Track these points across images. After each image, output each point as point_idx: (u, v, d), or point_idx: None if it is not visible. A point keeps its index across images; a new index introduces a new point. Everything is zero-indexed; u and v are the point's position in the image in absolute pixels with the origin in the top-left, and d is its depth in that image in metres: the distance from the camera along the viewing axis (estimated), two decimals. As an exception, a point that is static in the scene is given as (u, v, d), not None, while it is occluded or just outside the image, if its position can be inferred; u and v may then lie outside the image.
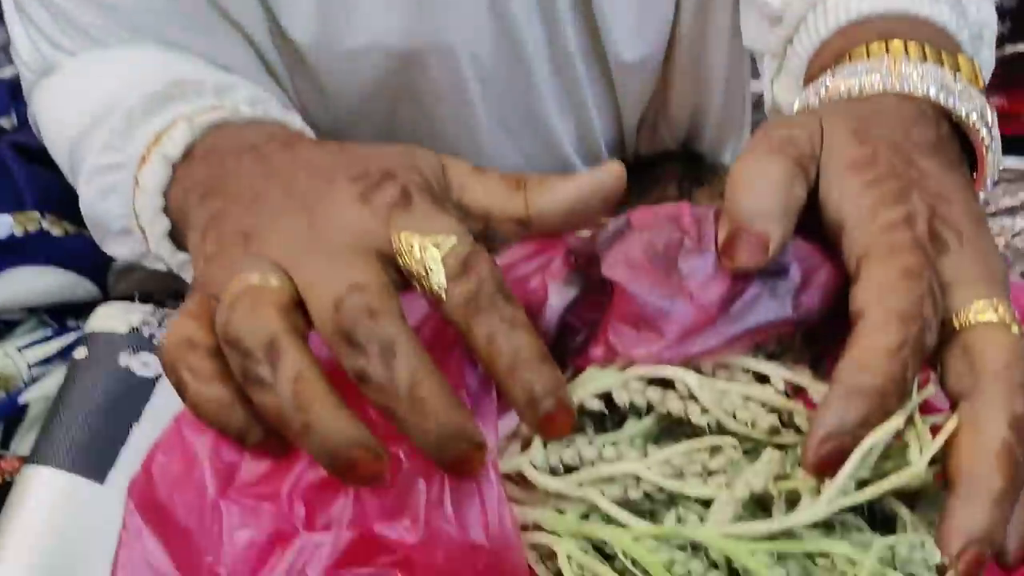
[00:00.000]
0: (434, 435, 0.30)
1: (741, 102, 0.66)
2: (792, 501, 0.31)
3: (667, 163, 0.67)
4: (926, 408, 0.32)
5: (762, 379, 0.34)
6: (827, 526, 0.31)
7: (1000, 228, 0.66)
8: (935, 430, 0.30)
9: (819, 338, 0.37)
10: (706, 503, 0.31)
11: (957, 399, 0.31)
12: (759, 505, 0.32)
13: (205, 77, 0.46)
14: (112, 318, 0.51)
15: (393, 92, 0.57)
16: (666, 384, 0.34)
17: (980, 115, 0.38)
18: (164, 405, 0.46)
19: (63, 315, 0.58)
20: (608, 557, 0.32)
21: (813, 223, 0.34)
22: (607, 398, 0.34)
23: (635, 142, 0.68)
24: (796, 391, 0.34)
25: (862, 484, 0.30)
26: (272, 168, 0.37)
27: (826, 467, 0.28)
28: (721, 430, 0.33)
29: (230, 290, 0.32)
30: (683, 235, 0.34)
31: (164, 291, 0.57)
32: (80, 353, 0.50)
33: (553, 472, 0.33)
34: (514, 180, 0.37)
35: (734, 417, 0.33)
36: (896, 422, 0.29)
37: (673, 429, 0.35)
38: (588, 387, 0.34)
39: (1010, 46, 0.74)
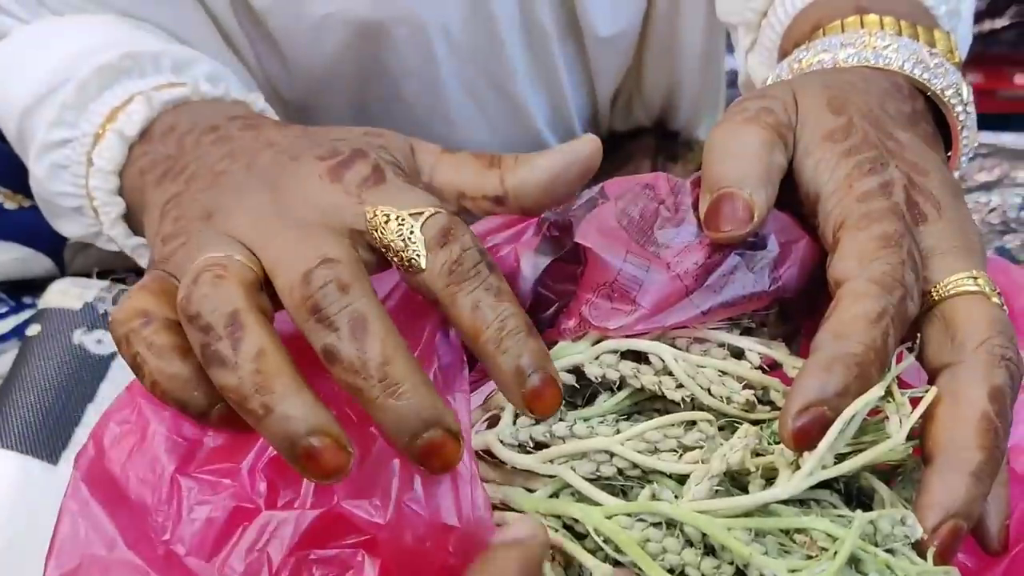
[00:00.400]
0: (406, 418, 0.28)
1: (716, 80, 0.65)
2: (769, 479, 0.30)
3: (641, 139, 0.66)
4: (901, 386, 0.31)
5: (738, 355, 0.33)
6: (803, 505, 0.30)
7: (975, 204, 0.66)
8: (914, 403, 0.29)
9: (794, 315, 0.36)
10: (681, 480, 0.31)
11: (937, 371, 0.30)
12: (735, 483, 0.31)
13: (162, 50, 0.45)
14: (66, 294, 0.49)
15: (360, 65, 0.55)
16: (640, 358, 0.33)
17: (955, 91, 0.38)
18: (119, 385, 0.45)
19: (19, 292, 0.56)
20: (580, 536, 0.31)
21: (786, 200, 0.34)
22: (579, 373, 0.33)
23: (609, 118, 0.67)
24: (772, 369, 0.34)
25: (840, 460, 0.29)
26: (234, 148, 0.36)
27: (805, 439, 0.27)
28: (696, 406, 0.32)
29: (193, 266, 0.31)
30: (659, 204, 0.33)
31: (124, 267, 0.55)
32: (33, 330, 0.49)
33: (522, 449, 0.32)
34: (487, 158, 0.36)
35: (709, 392, 0.32)
36: (876, 392, 0.28)
37: (646, 408, 0.34)
38: (560, 361, 0.33)
39: (988, 22, 0.74)
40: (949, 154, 0.39)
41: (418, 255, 0.30)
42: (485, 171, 0.35)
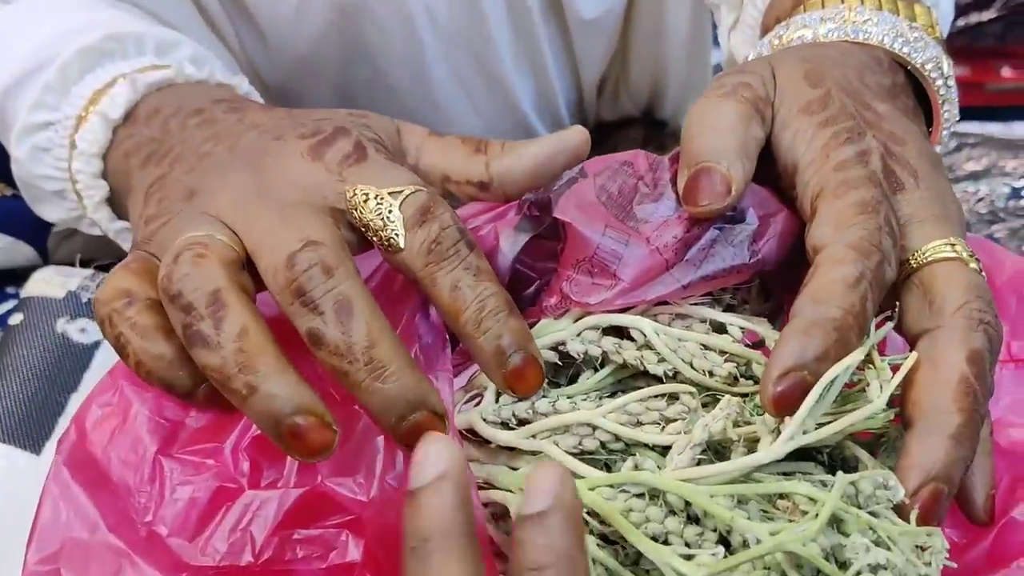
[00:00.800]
0: (392, 400, 0.28)
1: (703, 68, 0.65)
2: (751, 451, 0.30)
3: (629, 129, 0.66)
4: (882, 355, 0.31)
5: (720, 331, 0.33)
6: (786, 474, 0.30)
7: (963, 193, 0.66)
8: (895, 370, 0.29)
9: (775, 291, 0.36)
10: (663, 452, 0.31)
11: (916, 338, 0.30)
12: (718, 455, 0.31)
13: (145, 32, 0.44)
14: (49, 283, 0.49)
15: (343, 48, 0.55)
16: (622, 335, 0.33)
17: (935, 65, 0.38)
18: (103, 374, 0.44)
19: (2, 282, 0.56)
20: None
21: (765, 175, 0.34)
22: (562, 353, 0.33)
23: (596, 107, 0.67)
24: (755, 346, 0.34)
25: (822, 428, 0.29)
26: (218, 130, 0.36)
27: (785, 404, 0.27)
28: (678, 381, 0.32)
29: (174, 245, 0.30)
30: (638, 180, 0.33)
31: (108, 255, 0.54)
32: (16, 319, 0.48)
33: (505, 427, 0.32)
34: (474, 143, 0.36)
35: (691, 366, 0.32)
36: (856, 356, 0.28)
37: (629, 386, 0.34)
38: (542, 339, 0.33)
39: (975, 15, 0.74)
40: (931, 129, 0.39)
41: (397, 234, 0.30)
42: (471, 156, 0.35)
